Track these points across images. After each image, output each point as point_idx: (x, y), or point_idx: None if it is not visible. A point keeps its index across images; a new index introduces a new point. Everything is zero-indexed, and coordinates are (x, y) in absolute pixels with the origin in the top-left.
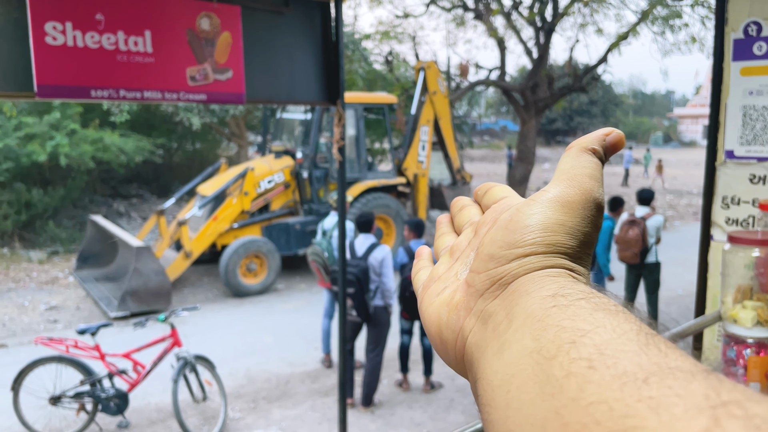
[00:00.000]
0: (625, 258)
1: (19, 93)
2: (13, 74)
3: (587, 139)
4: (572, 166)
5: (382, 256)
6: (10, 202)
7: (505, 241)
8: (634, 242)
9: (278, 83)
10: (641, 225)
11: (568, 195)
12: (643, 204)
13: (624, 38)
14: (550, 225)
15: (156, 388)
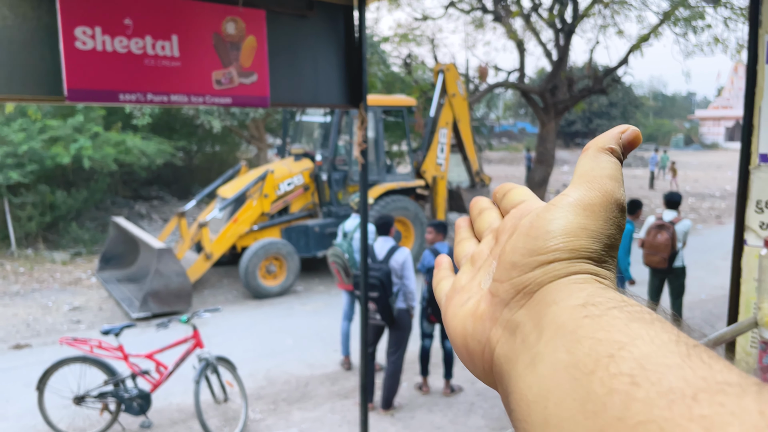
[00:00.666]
0: (652, 263)
1: (49, 97)
2: (44, 78)
3: (604, 138)
4: (591, 167)
5: (403, 259)
6: (34, 204)
7: (527, 248)
8: (663, 247)
9: (302, 86)
10: (670, 229)
11: (589, 198)
12: (671, 207)
13: (645, 39)
14: (573, 229)
15: (177, 389)
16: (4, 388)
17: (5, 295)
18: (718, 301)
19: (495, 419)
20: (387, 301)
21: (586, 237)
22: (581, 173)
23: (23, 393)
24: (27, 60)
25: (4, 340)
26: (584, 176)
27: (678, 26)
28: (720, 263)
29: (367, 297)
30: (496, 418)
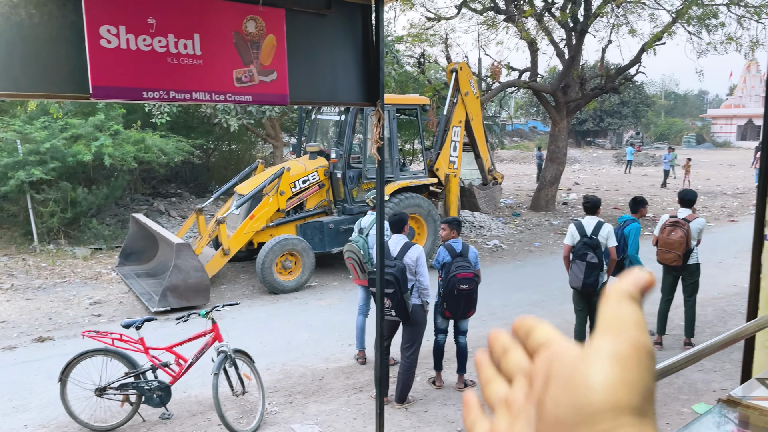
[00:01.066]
0: (666, 260)
1: (75, 94)
2: (69, 76)
3: (623, 285)
4: (616, 315)
5: (417, 256)
6: (56, 200)
7: (570, 403)
8: (678, 244)
9: (320, 84)
10: (685, 227)
11: (622, 349)
12: (686, 205)
13: (658, 38)
14: (613, 383)
15: (196, 382)
16: (27, 380)
17: (28, 289)
18: (730, 298)
19: None
20: (401, 297)
21: (626, 390)
22: (607, 322)
23: (46, 385)
24: (53, 58)
25: (27, 333)
26: (611, 325)
27: (691, 24)
28: (732, 261)
29: (383, 293)
30: None
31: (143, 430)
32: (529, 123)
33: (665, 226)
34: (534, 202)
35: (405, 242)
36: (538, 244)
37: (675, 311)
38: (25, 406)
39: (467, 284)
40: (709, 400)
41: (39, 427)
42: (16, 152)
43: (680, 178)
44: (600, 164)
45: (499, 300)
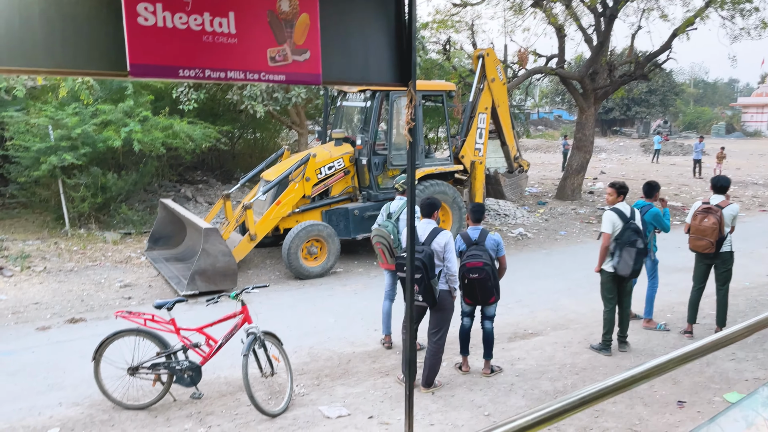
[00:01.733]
0: (698, 247)
1: (113, 72)
2: (107, 54)
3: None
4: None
5: (445, 241)
6: (87, 185)
7: None
8: (710, 231)
9: (352, 64)
10: (717, 213)
11: None
12: (719, 192)
13: (691, 23)
14: None
15: (225, 363)
16: (61, 359)
17: (60, 271)
18: (763, 288)
19: (535, 400)
20: (429, 283)
21: None
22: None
23: (79, 364)
24: (91, 36)
25: (60, 315)
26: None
27: (725, 9)
28: (764, 251)
29: (413, 278)
30: (537, 398)
31: (174, 409)
32: (554, 112)
33: (697, 213)
34: (560, 191)
35: (434, 227)
36: (564, 232)
37: (705, 300)
38: (60, 385)
39: (477, 273)
40: (741, 389)
41: (73, 404)
42: (48, 138)
43: (710, 167)
44: (627, 153)
45: (524, 288)
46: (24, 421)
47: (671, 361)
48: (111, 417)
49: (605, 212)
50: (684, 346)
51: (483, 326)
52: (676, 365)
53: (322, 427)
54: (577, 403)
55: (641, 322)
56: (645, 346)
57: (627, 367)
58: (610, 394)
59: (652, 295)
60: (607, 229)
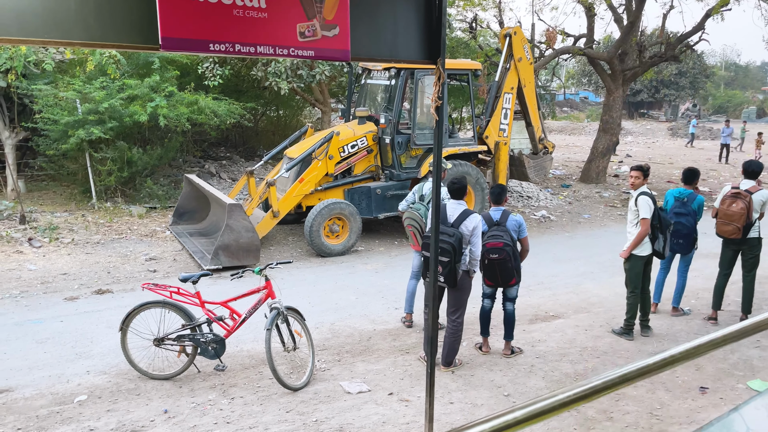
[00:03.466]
0: (725, 232)
1: (145, 45)
2: (139, 27)
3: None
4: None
5: (474, 225)
6: (113, 159)
7: None
8: (738, 216)
9: (381, 40)
10: (747, 198)
11: None
12: (750, 177)
13: (725, 4)
14: None
15: (248, 337)
16: (89, 329)
17: (87, 244)
18: None
19: (555, 381)
20: (454, 267)
21: None
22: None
23: (106, 334)
24: (124, 8)
25: (88, 286)
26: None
27: None
28: None
29: (437, 257)
30: (557, 380)
31: (198, 380)
32: (581, 93)
33: (726, 197)
34: (584, 174)
35: (464, 209)
36: (588, 216)
37: (731, 287)
38: (87, 353)
39: (497, 254)
40: (765, 377)
41: (100, 373)
42: (76, 111)
43: (748, 151)
44: (654, 137)
45: (546, 270)
46: (53, 387)
47: (697, 348)
48: (137, 386)
49: (641, 197)
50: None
51: (504, 308)
52: (702, 353)
53: (342, 402)
54: (600, 387)
55: (669, 310)
56: (668, 331)
57: (649, 352)
58: (633, 379)
59: (684, 284)
60: (647, 215)
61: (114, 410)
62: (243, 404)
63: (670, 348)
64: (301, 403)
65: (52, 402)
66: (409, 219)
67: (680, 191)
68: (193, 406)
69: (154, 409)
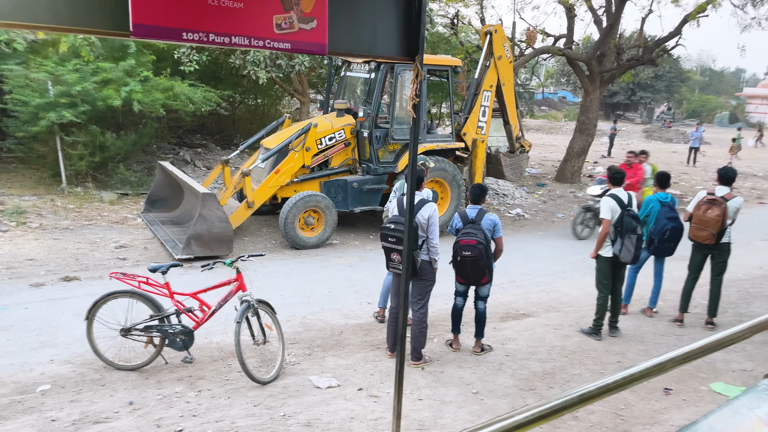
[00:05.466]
0: (699, 238)
1: (115, 31)
2: (110, 12)
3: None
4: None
5: (429, 214)
6: (85, 144)
7: None
8: (714, 223)
9: (359, 35)
10: (722, 205)
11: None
12: (725, 183)
13: (702, 10)
14: None
15: (218, 329)
16: (54, 317)
17: (56, 229)
18: (755, 280)
19: (523, 379)
20: (411, 254)
21: None
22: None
23: (72, 322)
24: None
25: (55, 272)
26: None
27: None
28: (759, 243)
29: (410, 255)
30: (524, 378)
31: (165, 372)
32: (559, 92)
33: (702, 203)
34: (559, 173)
35: (420, 199)
36: (562, 215)
37: (697, 290)
38: (52, 342)
39: (469, 251)
40: (727, 379)
41: (65, 362)
42: (48, 93)
43: (709, 156)
44: (629, 138)
45: (519, 268)
46: (15, 376)
47: (671, 361)
48: (102, 376)
49: (603, 198)
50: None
51: (476, 306)
52: (676, 365)
53: (311, 397)
54: (576, 400)
55: (637, 311)
56: (635, 332)
57: (616, 351)
58: (605, 393)
59: (661, 285)
60: (607, 215)
61: (78, 401)
62: (210, 397)
63: (644, 361)
64: (269, 397)
65: (14, 391)
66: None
67: (664, 196)
68: (159, 398)
69: (119, 400)
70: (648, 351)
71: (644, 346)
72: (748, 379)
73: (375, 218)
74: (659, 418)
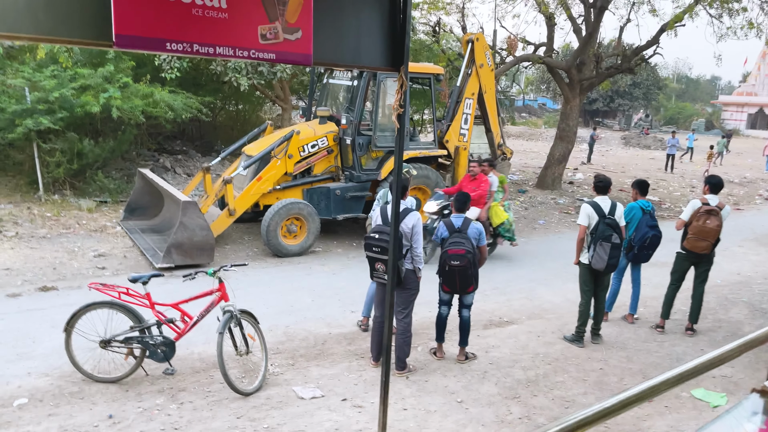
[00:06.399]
0: (698, 248)
1: (97, 41)
2: (91, 22)
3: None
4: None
5: (413, 223)
6: (62, 151)
7: None
8: (714, 233)
9: (344, 46)
10: (719, 215)
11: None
12: (715, 191)
13: (680, 19)
14: None
15: (200, 339)
16: (31, 328)
17: (32, 238)
18: (733, 286)
19: (507, 388)
20: (396, 264)
21: None
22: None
23: (50, 334)
24: (77, 3)
25: (32, 282)
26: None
27: (713, 7)
28: (737, 249)
29: (395, 264)
30: (509, 386)
31: (146, 384)
32: (539, 100)
33: (700, 214)
34: (540, 180)
35: (404, 208)
36: (543, 222)
37: (677, 296)
38: (29, 354)
39: (458, 260)
40: (708, 385)
41: (42, 375)
42: (25, 100)
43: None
44: (608, 145)
45: (501, 275)
46: None
47: (664, 383)
48: (81, 389)
49: (582, 204)
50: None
51: (460, 314)
52: (672, 386)
53: (295, 408)
54: (573, 426)
55: (626, 317)
56: (617, 338)
57: (598, 359)
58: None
59: (639, 291)
60: (582, 222)
61: (56, 414)
62: (192, 409)
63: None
64: (252, 409)
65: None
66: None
67: (645, 204)
68: (140, 411)
69: (98, 413)
70: (630, 357)
71: (626, 353)
72: (728, 385)
73: (358, 225)
74: (642, 425)
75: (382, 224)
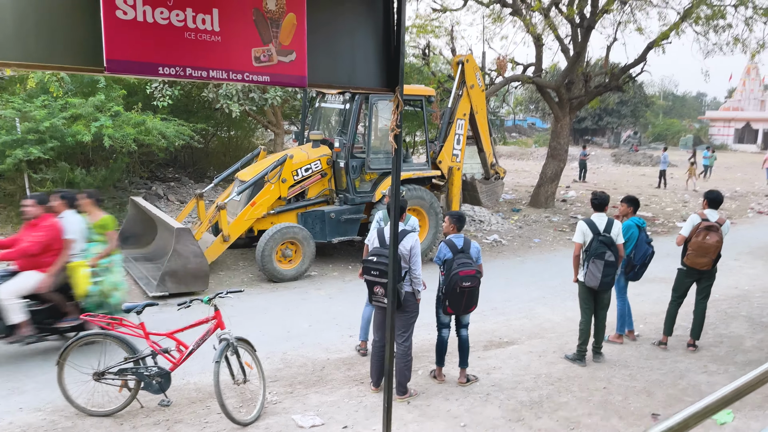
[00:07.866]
0: (698, 264)
1: (88, 67)
2: (83, 48)
3: None
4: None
5: (411, 245)
6: (54, 180)
7: None
8: (714, 249)
9: (339, 67)
10: (719, 231)
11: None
12: (714, 206)
13: (666, 37)
14: None
15: (196, 369)
16: (23, 362)
17: None
18: (732, 300)
19: (511, 410)
20: (396, 287)
21: None
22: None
23: (42, 367)
24: (66, 28)
25: None
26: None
27: (699, 24)
28: (733, 263)
29: (395, 287)
30: (512, 409)
31: (141, 417)
32: (528, 119)
33: (700, 230)
34: (533, 199)
35: (401, 230)
36: (538, 240)
37: None
38: (21, 389)
39: (470, 281)
40: None
41: (35, 410)
42: (15, 130)
43: (677, 179)
44: (598, 163)
45: (500, 295)
46: None
47: (693, 417)
48: (74, 424)
49: (578, 222)
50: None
51: (459, 334)
52: (698, 420)
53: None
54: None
55: (627, 334)
56: (619, 356)
57: (601, 377)
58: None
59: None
60: (577, 239)
61: None
62: None
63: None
64: None
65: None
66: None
67: (640, 221)
68: None
69: None
70: (633, 375)
71: (629, 371)
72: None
73: (353, 248)
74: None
75: (380, 247)
